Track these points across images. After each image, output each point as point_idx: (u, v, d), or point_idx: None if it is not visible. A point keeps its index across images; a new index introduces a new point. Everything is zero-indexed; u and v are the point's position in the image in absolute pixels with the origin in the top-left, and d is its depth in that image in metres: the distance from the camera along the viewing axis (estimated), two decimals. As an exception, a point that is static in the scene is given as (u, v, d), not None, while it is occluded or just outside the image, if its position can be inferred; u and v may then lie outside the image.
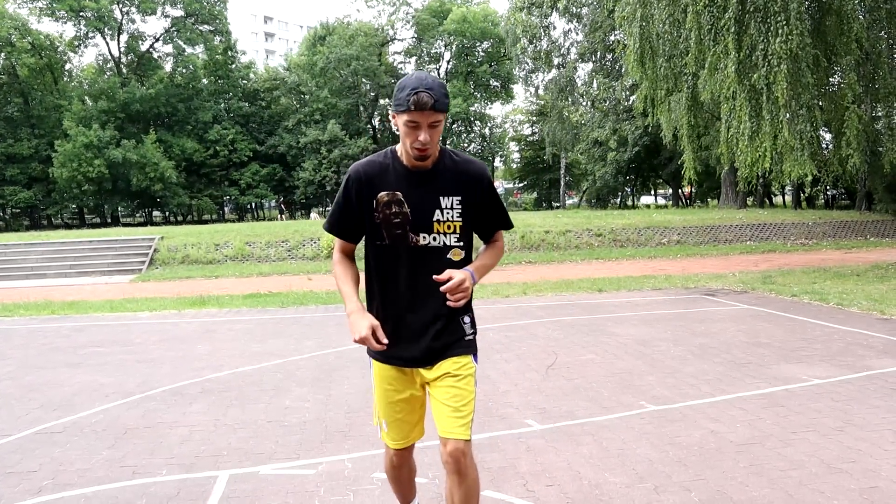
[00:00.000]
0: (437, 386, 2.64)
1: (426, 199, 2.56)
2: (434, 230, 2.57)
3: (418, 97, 2.35)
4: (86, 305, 12.01)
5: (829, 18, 13.79)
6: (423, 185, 2.57)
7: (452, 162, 2.62)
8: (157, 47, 51.72)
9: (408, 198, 2.56)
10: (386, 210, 2.56)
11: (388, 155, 2.62)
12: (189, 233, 22.90)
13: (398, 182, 2.56)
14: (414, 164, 2.55)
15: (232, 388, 6.02)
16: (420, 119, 2.39)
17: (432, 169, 2.58)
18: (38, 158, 43.85)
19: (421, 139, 2.41)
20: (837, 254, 19.41)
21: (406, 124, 2.42)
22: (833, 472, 3.80)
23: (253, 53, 71.10)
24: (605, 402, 5.28)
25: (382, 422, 2.78)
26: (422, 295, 2.59)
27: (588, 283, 13.03)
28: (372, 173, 2.59)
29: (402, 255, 2.58)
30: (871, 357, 6.53)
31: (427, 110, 2.37)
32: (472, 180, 2.62)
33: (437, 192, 2.57)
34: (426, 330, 2.62)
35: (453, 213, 2.58)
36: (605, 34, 36.07)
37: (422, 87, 2.37)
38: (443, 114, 2.43)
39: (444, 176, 2.59)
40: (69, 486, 3.90)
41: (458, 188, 2.59)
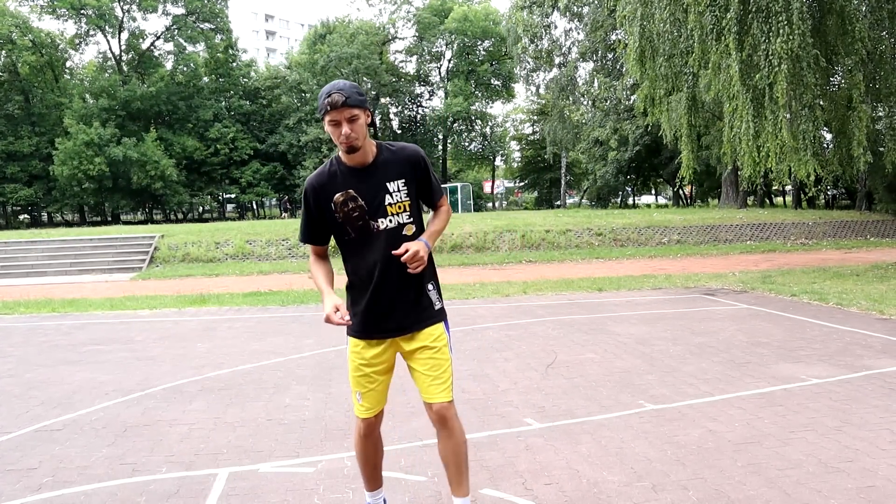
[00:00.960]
0: (415, 358, 3.02)
1: (375, 189, 2.92)
2: (388, 213, 2.93)
3: (331, 98, 2.72)
4: (86, 303, 12.03)
5: (830, 18, 13.78)
6: (369, 178, 2.92)
7: (390, 152, 2.98)
8: (157, 45, 51.77)
9: (359, 192, 2.91)
10: (344, 208, 2.92)
11: (333, 162, 2.98)
12: (189, 231, 22.91)
13: (346, 182, 2.92)
14: (354, 161, 2.90)
15: (232, 387, 6.03)
16: (338, 116, 2.74)
17: (373, 162, 2.94)
18: (39, 156, 43.89)
19: (344, 132, 2.76)
20: (837, 254, 19.41)
21: (329, 124, 2.78)
22: (830, 471, 3.81)
23: (254, 52, 71.14)
24: (604, 401, 5.29)
25: (357, 394, 3.08)
26: (390, 273, 2.93)
27: (588, 283, 13.04)
28: (323, 182, 2.95)
29: (368, 242, 2.94)
30: (870, 357, 6.54)
31: (340, 107, 2.72)
32: (409, 162, 2.99)
33: (382, 180, 2.93)
34: (398, 302, 2.97)
35: (401, 195, 2.95)
36: (606, 33, 36.04)
37: (334, 89, 2.74)
38: (358, 108, 2.77)
39: (385, 166, 2.95)
40: (69, 484, 3.91)
41: (399, 172, 2.96)
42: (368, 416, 3.11)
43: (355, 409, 3.14)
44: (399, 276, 2.94)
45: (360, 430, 3.16)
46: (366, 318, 3.00)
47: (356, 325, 3.02)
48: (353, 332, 3.06)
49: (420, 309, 3.02)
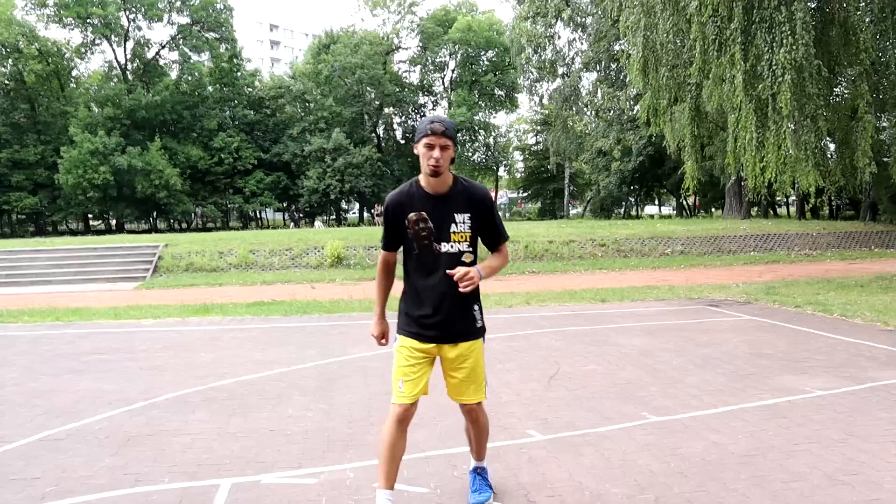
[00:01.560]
0: (454, 365, 3.48)
1: (444, 216, 3.36)
2: (451, 239, 3.37)
3: (433, 125, 3.23)
4: (90, 312, 12.04)
5: (833, 29, 13.80)
6: (442, 205, 3.37)
7: (462, 187, 3.42)
8: (163, 54, 52.02)
9: (431, 216, 3.35)
10: (415, 227, 3.37)
11: (413, 184, 3.42)
12: (193, 240, 22.94)
13: (422, 204, 3.36)
14: (433, 187, 3.35)
15: (235, 397, 6.03)
16: (434, 141, 3.22)
17: (448, 192, 3.37)
18: (44, 165, 44.01)
19: (434, 156, 3.22)
20: (841, 264, 19.37)
21: (424, 146, 3.24)
22: (835, 484, 3.80)
23: (258, 61, 71.39)
24: (607, 413, 5.28)
25: (399, 381, 3.43)
26: (443, 289, 3.36)
27: (591, 294, 13.03)
28: (402, 199, 3.40)
29: (429, 260, 3.38)
30: (875, 368, 6.52)
31: (438, 135, 3.21)
32: (477, 200, 3.43)
33: (452, 210, 3.37)
34: (446, 316, 3.40)
35: (465, 226, 3.38)
36: (610, 44, 36.11)
37: (436, 119, 3.27)
38: (451, 140, 3.26)
39: (457, 198, 3.39)
40: (72, 494, 3.91)
41: (467, 206, 3.39)
42: (406, 402, 3.40)
43: (394, 397, 3.43)
44: (450, 294, 3.35)
45: (396, 415, 3.41)
46: (417, 323, 3.44)
47: (408, 326, 3.47)
48: (405, 332, 3.48)
49: (464, 325, 3.47)
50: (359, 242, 21.42)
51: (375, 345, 3.63)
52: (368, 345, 8.31)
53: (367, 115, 54.88)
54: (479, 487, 3.70)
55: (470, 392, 3.50)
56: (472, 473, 3.79)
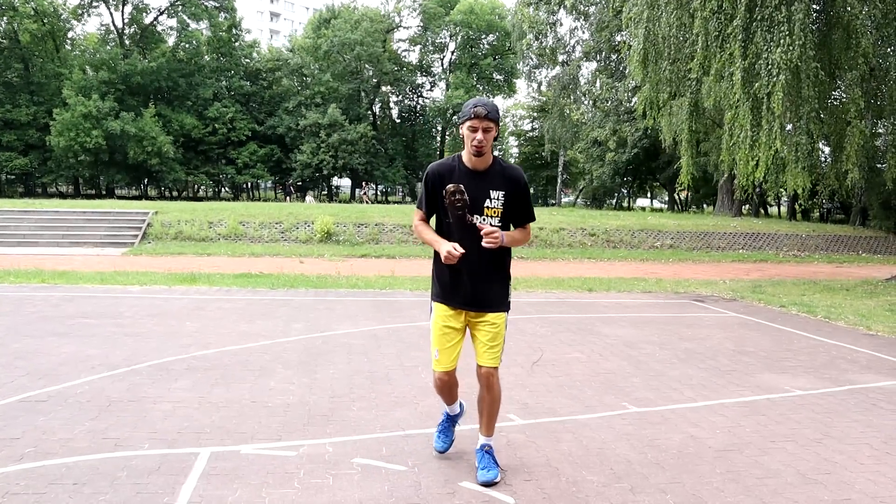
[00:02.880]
0: (479, 328, 3.76)
1: (481, 191, 3.62)
2: (484, 213, 3.63)
3: (477, 109, 3.47)
4: (76, 276, 11.99)
5: (836, 32, 13.77)
6: (479, 180, 3.63)
7: (500, 167, 3.69)
8: (161, 20, 51.51)
9: (468, 188, 3.60)
10: (451, 197, 3.61)
11: (456, 159, 3.71)
12: (183, 209, 22.83)
13: (461, 178, 3.63)
14: (473, 164, 3.62)
15: (218, 367, 6.03)
16: (478, 124, 3.48)
17: (486, 170, 3.65)
18: (36, 126, 43.62)
19: (478, 138, 3.49)
20: (829, 267, 19.50)
21: (468, 128, 3.51)
22: (808, 482, 3.84)
23: (257, 32, 70.84)
24: (588, 401, 5.31)
25: (436, 350, 3.77)
26: (473, 259, 3.61)
27: (579, 282, 13.07)
28: (443, 171, 3.68)
29: (460, 230, 3.64)
30: (855, 371, 6.59)
31: (482, 118, 3.47)
32: (514, 180, 3.70)
33: (488, 186, 3.63)
34: (476, 284, 3.69)
35: (499, 203, 3.64)
36: (612, 34, 35.99)
37: (479, 103, 3.51)
38: (494, 123, 3.51)
39: (494, 176, 3.65)
40: (51, 455, 3.91)
41: (503, 185, 3.66)
42: (443, 370, 3.78)
43: (433, 365, 3.81)
44: (482, 265, 3.66)
45: (439, 382, 3.84)
46: (450, 289, 3.73)
47: (441, 293, 3.77)
48: (438, 298, 3.79)
49: (492, 295, 3.73)
50: (349, 219, 21.37)
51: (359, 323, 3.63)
52: (353, 322, 8.33)
53: (364, 93, 54.60)
54: (488, 465, 3.77)
55: (487, 356, 3.71)
56: (480, 451, 3.85)
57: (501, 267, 3.77)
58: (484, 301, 3.72)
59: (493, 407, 3.83)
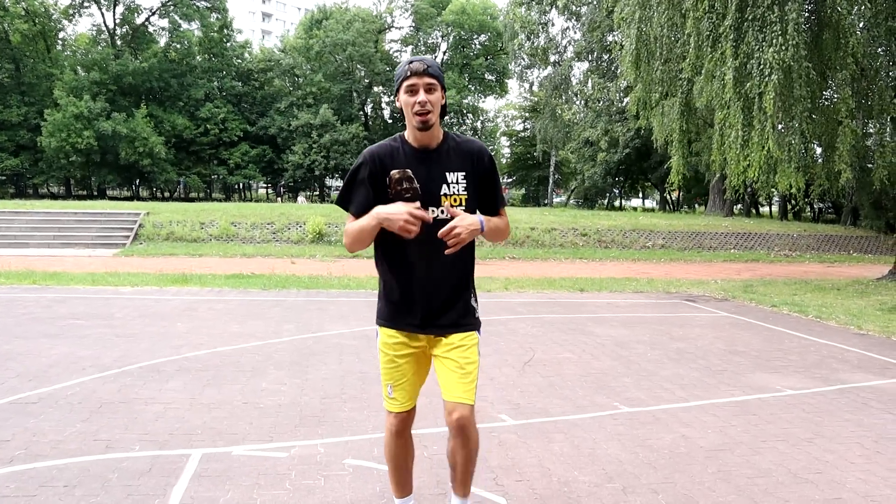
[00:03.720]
0: (444, 356, 2.86)
1: (434, 175, 2.77)
2: (442, 203, 2.76)
3: (413, 65, 2.68)
4: (67, 277, 11.94)
5: (827, 32, 13.82)
6: (431, 162, 2.78)
7: (455, 142, 2.85)
8: (152, 21, 51.27)
9: (417, 174, 2.76)
10: (398, 186, 2.75)
11: (398, 139, 2.84)
12: (175, 210, 22.76)
13: (407, 161, 2.77)
14: (420, 142, 2.77)
15: (209, 368, 6.01)
16: (417, 81, 2.66)
17: (437, 148, 2.81)
18: (27, 126, 43.39)
19: (419, 100, 2.65)
20: (820, 267, 19.58)
21: (406, 91, 2.69)
22: (799, 482, 3.86)
23: (249, 33, 70.68)
24: (580, 401, 5.32)
25: (388, 386, 2.93)
26: (431, 266, 2.80)
27: (570, 282, 13.09)
28: (383, 154, 2.79)
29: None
30: (846, 371, 6.62)
31: (421, 73, 2.66)
32: (474, 155, 2.85)
33: (443, 168, 2.79)
34: (436, 299, 2.84)
35: (459, 187, 2.79)
36: (603, 34, 36.07)
37: (415, 59, 2.70)
38: (436, 80, 2.69)
39: (449, 154, 2.82)
40: (41, 457, 3.89)
41: (462, 164, 2.82)
42: (401, 411, 2.95)
43: (385, 404, 2.98)
44: (441, 271, 2.81)
45: (392, 427, 2.98)
46: (400, 308, 2.87)
47: (387, 314, 2.90)
48: (384, 321, 2.92)
49: (458, 313, 2.89)
50: (340, 220, 21.32)
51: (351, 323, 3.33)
52: (345, 322, 8.32)
53: (356, 93, 54.53)
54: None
55: (457, 389, 2.81)
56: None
57: (465, 273, 2.91)
58: (446, 320, 2.86)
59: (468, 461, 2.90)
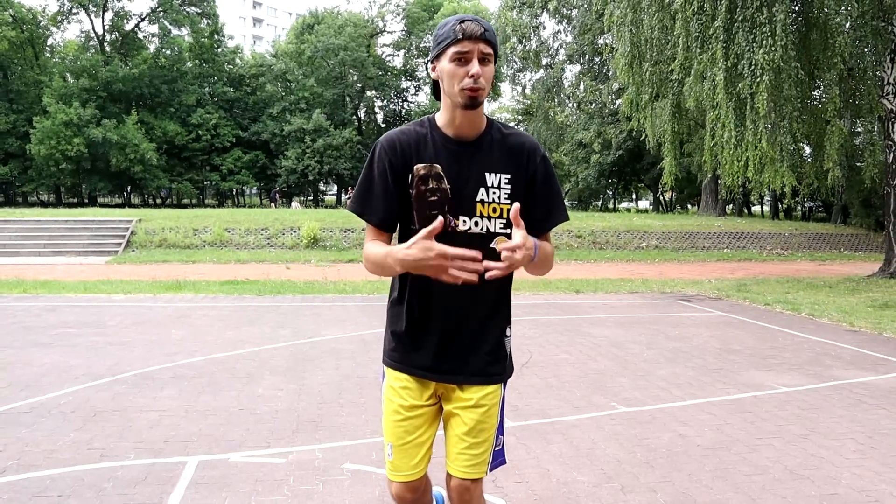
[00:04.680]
0: (454, 413, 2.24)
1: (470, 175, 2.10)
2: (477, 213, 2.09)
3: (466, 24, 1.95)
4: (59, 285, 11.89)
5: (814, 32, 13.91)
6: (467, 158, 2.10)
7: (501, 135, 2.15)
8: (142, 27, 51.02)
9: (448, 171, 2.08)
10: (421, 186, 2.08)
11: (426, 124, 2.15)
12: (168, 216, 22.71)
13: (437, 154, 2.09)
14: (459, 128, 2.09)
15: (204, 375, 5.99)
16: (471, 47, 1.95)
17: (478, 140, 2.12)
18: (16, 134, 43.16)
19: (473, 71, 1.94)
20: (811, 265, 19.65)
21: (453, 58, 1.97)
22: (795, 478, 3.86)
23: (240, 38, 70.44)
24: (577, 402, 5.32)
25: (388, 447, 2.27)
26: (458, 296, 2.11)
27: (566, 284, 13.10)
28: (406, 143, 2.10)
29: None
30: (839, 367, 6.64)
31: (478, 38, 1.95)
32: (524, 154, 2.15)
33: (482, 167, 2.11)
34: (458, 336, 2.18)
35: (500, 194, 2.11)
36: (594, 37, 36.20)
37: (468, 17, 1.98)
38: (493, 50, 2.00)
39: (492, 149, 2.12)
40: (34, 468, 3.87)
41: (507, 164, 2.13)
42: (406, 479, 2.26)
43: (387, 470, 2.30)
44: (472, 302, 2.16)
45: (396, 497, 2.32)
46: (412, 347, 2.21)
47: (397, 353, 2.24)
48: (395, 361, 2.26)
49: (490, 356, 2.22)
50: (335, 224, 21.32)
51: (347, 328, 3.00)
52: (341, 327, 8.30)
53: (349, 98, 54.50)
54: None
55: (464, 460, 2.22)
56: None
57: (499, 302, 2.23)
58: (470, 366, 2.20)
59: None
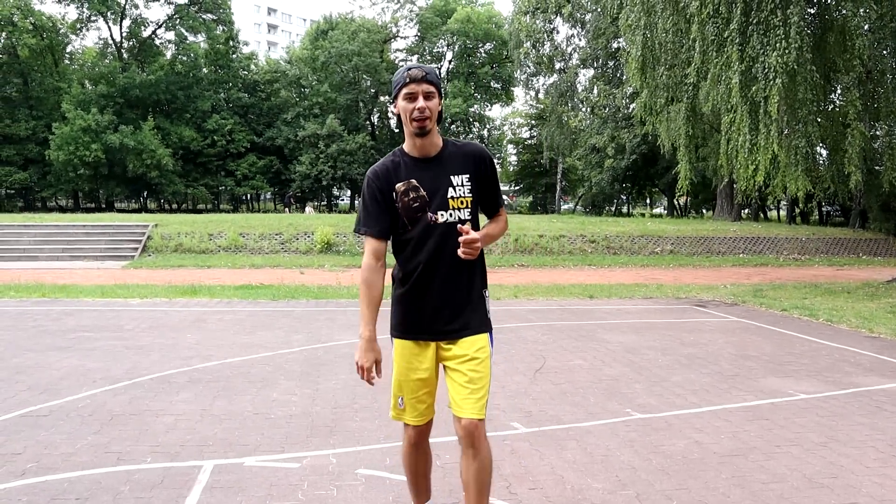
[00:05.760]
0: (455, 368, 2.87)
1: (439, 181, 2.84)
2: (449, 206, 2.84)
3: (412, 71, 2.72)
4: (77, 290, 11.98)
5: (831, 35, 13.80)
6: (434, 169, 2.85)
7: (455, 147, 2.92)
8: (159, 34, 51.47)
9: (422, 182, 2.83)
10: (404, 198, 2.82)
11: (397, 153, 2.90)
12: (183, 221, 22.85)
13: (409, 172, 2.84)
14: (420, 150, 2.84)
15: (220, 379, 6.01)
16: (416, 88, 2.70)
17: (438, 155, 2.87)
18: (35, 140, 43.64)
19: (418, 106, 2.70)
20: (829, 270, 19.49)
21: (404, 98, 2.73)
22: (814, 486, 3.82)
23: (255, 45, 70.98)
24: (591, 408, 5.30)
25: (400, 399, 2.95)
26: (441, 270, 2.84)
27: (580, 289, 13.06)
28: (385, 170, 2.86)
29: (423, 236, 2.83)
30: (858, 374, 6.57)
31: (420, 80, 2.70)
32: (476, 158, 2.93)
33: (447, 173, 2.85)
34: (448, 302, 2.87)
35: (464, 189, 2.86)
36: (608, 41, 36.13)
37: (413, 66, 2.75)
38: (434, 87, 2.73)
39: (451, 159, 2.88)
40: (53, 470, 3.90)
41: (465, 167, 2.88)
42: (417, 424, 2.99)
43: (393, 413, 3.03)
44: (451, 274, 2.85)
45: (410, 439, 3.04)
46: (412, 315, 2.90)
47: (401, 323, 2.93)
48: (399, 331, 2.95)
49: (471, 313, 2.91)
50: (349, 229, 21.38)
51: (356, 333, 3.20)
52: (355, 331, 8.30)
53: (362, 103, 54.66)
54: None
55: (468, 403, 2.80)
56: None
57: (476, 274, 2.95)
58: (457, 323, 2.88)
59: (482, 478, 2.85)
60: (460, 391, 2.82)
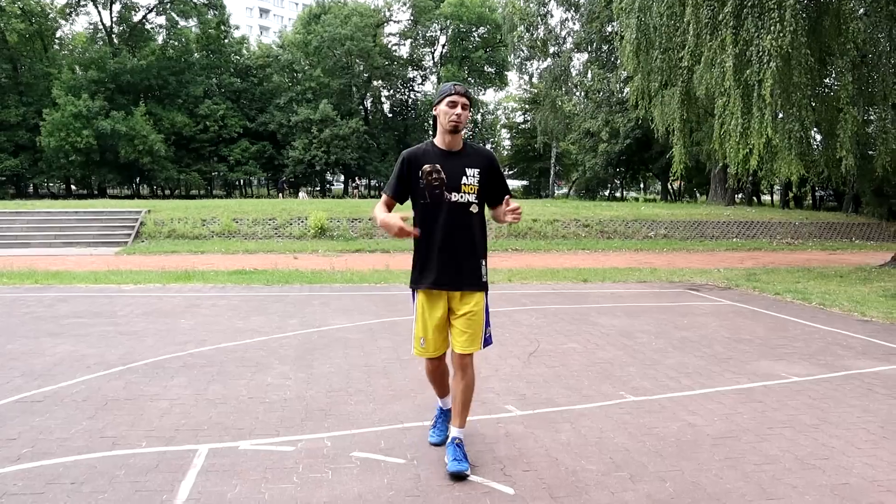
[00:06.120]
0: (458, 319, 3.80)
1: (457, 169, 3.77)
2: (462, 190, 3.75)
3: (456, 86, 3.72)
4: (70, 276, 11.94)
5: (826, 19, 13.74)
6: (455, 160, 3.78)
7: (472, 149, 3.90)
8: (149, 18, 51.06)
9: (444, 168, 3.75)
10: (429, 177, 3.74)
11: (428, 144, 3.86)
12: (176, 207, 22.77)
13: (435, 159, 3.78)
14: (447, 145, 3.78)
15: (214, 364, 6.01)
16: (458, 100, 3.69)
17: (459, 151, 3.82)
18: (26, 126, 43.34)
19: (457, 112, 3.68)
20: (822, 254, 19.56)
21: (447, 104, 3.69)
22: (806, 467, 3.85)
23: (246, 29, 70.54)
24: (585, 391, 5.32)
25: (421, 339, 3.87)
26: (452, 237, 3.76)
27: (573, 273, 13.08)
28: (417, 154, 3.82)
29: (438, 209, 3.75)
30: (850, 357, 6.61)
31: (462, 94, 3.71)
32: (486, 159, 3.88)
33: (464, 165, 3.79)
34: (455, 262, 3.77)
35: (475, 180, 3.79)
36: (602, 25, 35.98)
37: (457, 83, 3.86)
38: (469, 101, 3.75)
39: (468, 156, 3.83)
40: (48, 455, 3.90)
41: (477, 163, 3.82)
42: (433, 356, 3.90)
43: (415, 351, 3.91)
44: (459, 242, 3.76)
45: (428, 367, 4.00)
46: (428, 271, 3.77)
47: (420, 277, 3.81)
48: (416, 283, 3.83)
49: (471, 274, 3.80)
50: (342, 214, 21.34)
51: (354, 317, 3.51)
52: (349, 316, 8.32)
53: (356, 88, 54.45)
54: (459, 457, 3.70)
55: (465, 340, 3.75)
56: (451, 445, 3.79)
57: (475, 243, 3.81)
58: (459, 279, 3.77)
59: (466, 394, 3.81)
60: (458, 335, 3.79)
